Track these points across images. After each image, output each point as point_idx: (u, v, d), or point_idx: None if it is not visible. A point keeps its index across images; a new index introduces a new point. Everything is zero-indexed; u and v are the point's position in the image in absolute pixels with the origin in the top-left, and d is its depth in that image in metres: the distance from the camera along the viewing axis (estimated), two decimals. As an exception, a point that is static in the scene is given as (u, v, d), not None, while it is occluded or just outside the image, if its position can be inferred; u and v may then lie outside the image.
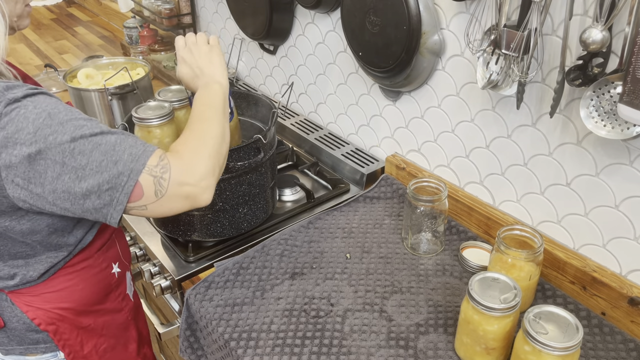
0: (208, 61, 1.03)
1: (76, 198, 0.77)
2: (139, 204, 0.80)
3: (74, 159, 0.75)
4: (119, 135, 0.79)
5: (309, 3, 1.46)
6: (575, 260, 1.08)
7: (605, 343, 0.99)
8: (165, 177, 0.79)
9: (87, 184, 0.76)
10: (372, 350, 0.99)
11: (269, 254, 1.22)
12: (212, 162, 0.85)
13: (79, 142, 0.76)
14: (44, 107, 0.76)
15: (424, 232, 1.22)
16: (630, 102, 0.84)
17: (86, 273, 0.98)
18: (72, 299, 0.97)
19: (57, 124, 0.75)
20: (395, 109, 1.42)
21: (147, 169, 0.78)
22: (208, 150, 0.86)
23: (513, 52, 0.98)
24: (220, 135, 0.90)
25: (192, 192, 0.82)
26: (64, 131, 0.75)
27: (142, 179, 0.78)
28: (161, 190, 0.79)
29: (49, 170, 0.75)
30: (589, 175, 1.04)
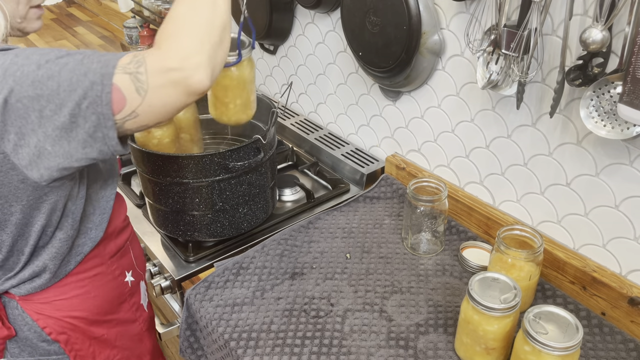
0: None
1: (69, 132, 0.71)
2: (126, 112, 0.70)
3: (46, 86, 0.69)
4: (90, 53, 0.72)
5: (309, 3, 1.46)
6: (575, 260, 1.08)
7: (605, 343, 0.99)
8: (141, 70, 0.69)
9: (68, 108, 0.69)
10: (372, 350, 0.99)
11: (269, 254, 1.22)
12: (198, 36, 0.71)
13: (45, 67, 0.69)
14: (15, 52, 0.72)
15: (424, 232, 1.22)
16: (630, 102, 0.84)
17: (99, 280, 0.95)
18: (84, 307, 0.94)
19: (23, 58, 0.71)
20: (395, 109, 1.42)
21: (120, 69, 0.69)
22: (191, 25, 0.72)
23: (513, 52, 0.98)
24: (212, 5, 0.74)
25: (179, 77, 0.69)
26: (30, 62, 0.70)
27: (117, 80, 0.69)
28: (142, 85, 0.69)
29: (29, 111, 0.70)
30: (589, 175, 1.04)
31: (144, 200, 1.36)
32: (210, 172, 1.15)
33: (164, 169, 1.15)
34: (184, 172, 1.15)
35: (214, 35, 0.73)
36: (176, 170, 1.15)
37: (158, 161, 1.15)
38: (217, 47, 0.73)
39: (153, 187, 1.20)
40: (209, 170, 1.15)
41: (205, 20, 0.73)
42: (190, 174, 1.15)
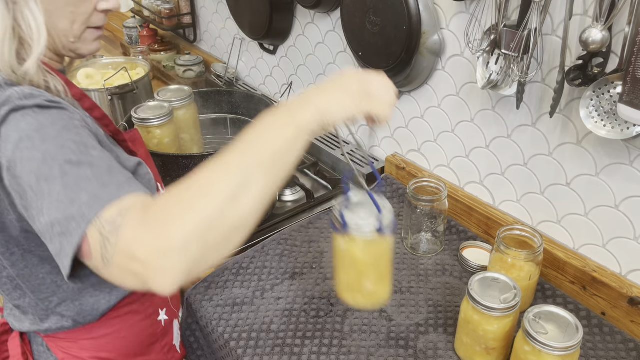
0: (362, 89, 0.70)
1: (43, 235, 0.63)
2: (90, 264, 0.60)
3: (39, 185, 0.61)
4: (100, 171, 0.62)
5: (309, 3, 1.46)
6: (575, 260, 1.08)
7: (605, 343, 0.99)
8: (111, 240, 0.56)
9: (43, 220, 0.61)
10: (372, 350, 0.99)
11: (268, 254, 1.22)
12: (191, 235, 0.55)
13: (48, 164, 0.61)
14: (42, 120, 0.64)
15: (424, 232, 1.22)
16: (630, 102, 0.84)
17: (130, 319, 0.88)
18: (112, 348, 0.87)
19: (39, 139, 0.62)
20: (395, 109, 1.42)
21: (97, 222, 0.58)
22: (195, 214, 0.56)
23: (513, 52, 0.98)
24: (231, 198, 0.57)
25: (139, 271, 0.55)
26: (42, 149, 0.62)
27: (90, 232, 0.58)
28: (106, 255, 0.57)
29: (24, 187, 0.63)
30: (589, 175, 1.03)
31: (144, 200, 1.36)
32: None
33: (164, 169, 1.15)
34: (184, 172, 1.15)
35: (215, 234, 0.56)
36: (176, 170, 1.15)
37: (158, 161, 1.15)
38: (211, 250, 0.57)
39: (153, 187, 1.20)
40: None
41: (214, 211, 0.56)
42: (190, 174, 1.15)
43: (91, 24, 0.78)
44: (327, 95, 0.68)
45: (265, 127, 0.63)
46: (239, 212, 0.58)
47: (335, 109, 0.67)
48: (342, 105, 0.68)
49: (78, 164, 0.61)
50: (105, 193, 0.60)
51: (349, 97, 0.69)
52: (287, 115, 0.65)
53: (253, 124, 0.64)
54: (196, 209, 0.56)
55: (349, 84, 0.70)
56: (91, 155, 0.64)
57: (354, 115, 0.69)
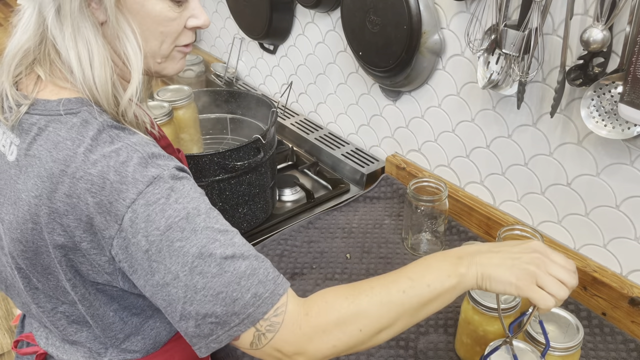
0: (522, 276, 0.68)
1: (173, 313, 0.65)
2: (229, 343, 0.69)
3: (191, 277, 0.63)
4: (251, 262, 0.65)
5: (309, 2, 1.46)
6: (575, 261, 1.08)
7: (606, 343, 0.99)
8: (267, 336, 0.66)
9: (192, 309, 0.64)
10: (372, 350, 0.99)
11: (268, 254, 1.22)
12: (332, 352, 0.66)
13: (204, 260, 0.63)
14: (185, 203, 0.64)
15: (424, 232, 1.22)
16: (631, 102, 0.83)
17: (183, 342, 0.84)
18: None
19: (190, 230, 0.63)
20: (395, 109, 1.42)
21: (258, 322, 0.65)
22: (345, 340, 0.66)
23: (513, 51, 0.98)
24: (377, 332, 0.67)
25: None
26: (195, 242, 0.63)
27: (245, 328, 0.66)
28: (258, 345, 0.66)
29: (157, 274, 0.63)
30: (589, 175, 1.03)
31: (143, 200, 1.36)
32: (210, 172, 1.15)
33: (164, 168, 1.15)
34: (184, 172, 1.15)
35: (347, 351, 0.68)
36: (176, 170, 1.14)
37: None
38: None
39: (153, 187, 1.20)
40: (209, 170, 1.15)
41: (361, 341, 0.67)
42: (190, 173, 1.15)
43: (180, 42, 0.74)
44: (498, 259, 0.68)
45: (431, 270, 0.69)
46: (375, 342, 0.68)
47: (497, 279, 0.67)
48: (506, 278, 0.67)
49: (232, 258, 0.64)
50: (267, 292, 0.65)
51: (517, 272, 0.67)
52: (454, 265, 0.69)
53: (424, 260, 0.71)
54: (348, 335, 0.65)
55: (526, 259, 0.68)
56: (235, 242, 0.66)
57: (512, 293, 0.68)
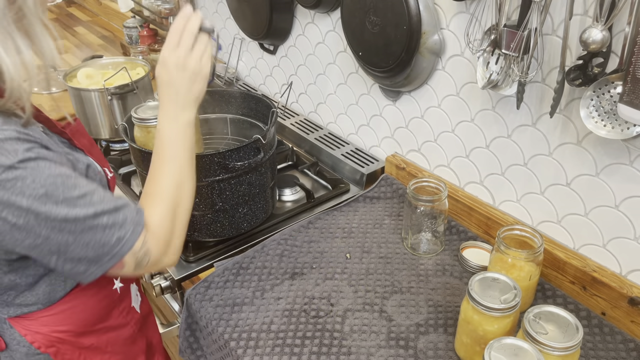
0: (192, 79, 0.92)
1: (49, 263, 0.78)
2: (115, 273, 0.83)
3: (62, 235, 0.75)
4: (111, 215, 0.79)
5: (309, 3, 1.46)
6: (575, 260, 1.08)
7: (605, 343, 0.99)
8: (145, 259, 0.84)
9: (69, 255, 0.77)
10: (372, 350, 0.99)
11: (268, 254, 1.22)
12: (183, 236, 0.91)
13: (71, 223, 0.75)
14: (42, 182, 0.72)
15: (424, 232, 1.22)
16: (631, 102, 0.84)
17: (85, 294, 0.94)
18: (70, 322, 0.93)
19: (52, 202, 0.73)
20: (395, 109, 1.42)
21: (132, 252, 0.81)
22: (181, 224, 0.91)
23: (513, 52, 0.98)
24: (192, 196, 0.94)
25: (165, 264, 0.89)
26: (58, 211, 0.73)
27: (126, 258, 0.81)
28: (140, 266, 0.84)
29: (29, 239, 0.74)
30: (589, 175, 1.03)
31: (144, 200, 1.36)
32: (210, 172, 1.15)
33: (164, 169, 1.15)
34: (184, 172, 1.15)
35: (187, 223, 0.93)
36: (176, 170, 1.14)
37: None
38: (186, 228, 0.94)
39: (153, 187, 1.20)
40: (209, 170, 1.15)
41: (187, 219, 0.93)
42: (190, 174, 1.15)
43: None
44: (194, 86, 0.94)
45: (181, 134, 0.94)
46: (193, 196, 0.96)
47: None
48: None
49: (94, 217, 0.77)
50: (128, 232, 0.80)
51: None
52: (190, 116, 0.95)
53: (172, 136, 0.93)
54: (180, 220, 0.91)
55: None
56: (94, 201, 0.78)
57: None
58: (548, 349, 0.81)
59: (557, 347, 0.80)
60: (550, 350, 0.81)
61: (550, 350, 0.81)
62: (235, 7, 1.78)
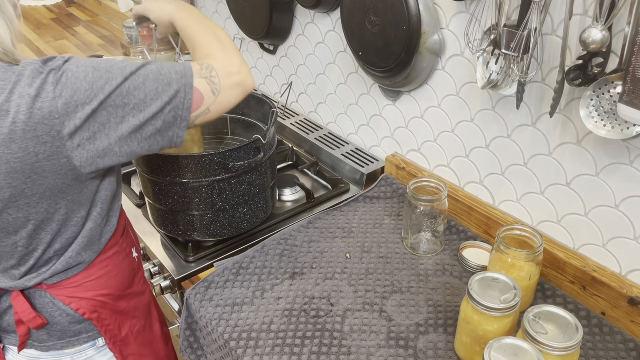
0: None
1: (142, 132, 0.82)
2: (202, 109, 0.86)
3: (133, 96, 0.80)
4: (155, 63, 0.84)
5: (309, 3, 1.46)
6: (575, 260, 1.08)
7: (605, 343, 0.99)
8: (214, 74, 0.87)
9: (150, 111, 0.81)
10: (372, 350, 0.99)
11: (268, 254, 1.22)
12: (238, 54, 0.94)
13: (130, 79, 0.80)
14: (85, 63, 0.79)
15: (424, 232, 1.22)
16: (630, 102, 0.84)
17: (117, 259, 1.00)
18: (110, 285, 0.99)
19: (105, 72, 0.79)
20: (395, 109, 1.42)
21: (196, 74, 0.85)
22: (229, 44, 0.95)
23: (513, 52, 0.98)
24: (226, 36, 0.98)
25: (240, 79, 0.91)
26: (115, 75, 0.79)
27: (197, 84, 0.85)
28: (216, 87, 0.87)
29: (112, 117, 0.79)
30: (589, 175, 1.03)
31: (144, 200, 1.36)
32: (210, 172, 1.15)
33: (164, 168, 1.15)
34: (184, 172, 1.15)
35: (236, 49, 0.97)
36: (176, 170, 1.15)
37: (158, 161, 1.15)
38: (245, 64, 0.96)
39: (153, 187, 1.20)
40: (209, 170, 1.15)
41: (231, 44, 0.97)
42: (190, 174, 1.15)
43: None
44: None
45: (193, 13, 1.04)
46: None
47: None
48: None
49: (144, 66, 0.82)
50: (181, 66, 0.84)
51: None
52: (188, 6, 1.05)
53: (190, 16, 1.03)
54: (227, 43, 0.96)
55: None
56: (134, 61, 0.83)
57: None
58: (548, 349, 0.81)
59: (557, 347, 0.80)
60: (550, 350, 0.81)
61: (550, 350, 0.81)
62: (235, 7, 1.78)
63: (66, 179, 0.82)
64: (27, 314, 0.93)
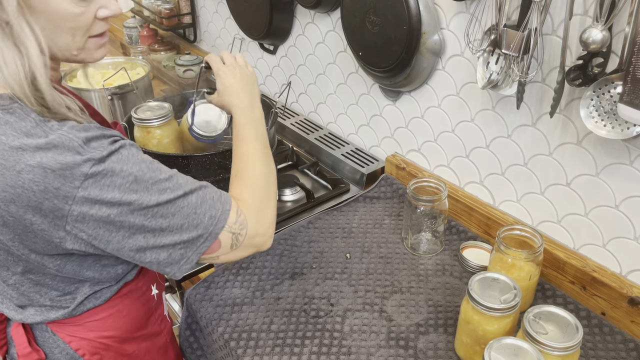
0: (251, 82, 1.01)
1: (142, 254, 0.76)
2: (212, 256, 0.82)
3: (155, 222, 0.74)
4: (199, 193, 0.79)
5: (309, 3, 1.46)
6: (575, 260, 1.08)
7: (605, 343, 0.99)
8: (242, 233, 0.83)
9: (162, 242, 0.76)
10: (372, 350, 0.99)
11: (268, 254, 1.22)
12: (274, 209, 0.90)
13: (163, 206, 0.74)
14: (130, 169, 0.72)
15: (424, 232, 1.22)
16: (630, 102, 0.84)
17: (129, 298, 0.93)
18: (116, 327, 0.92)
19: (143, 189, 0.73)
20: (395, 109, 1.42)
21: (227, 227, 0.80)
22: (271, 196, 0.90)
23: (513, 52, 0.98)
24: (274, 173, 0.93)
25: (261, 242, 0.87)
26: (150, 198, 0.73)
27: (222, 236, 0.80)
28: (237, 244, 0.83)
29: (122, 231, 0.73)
30: (589, 175, 1.03)
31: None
32: (210, 172, 1.15)
33: (164, 169, 1.15)
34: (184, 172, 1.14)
35: (275, 207, 0.91)
36: (176, 170, 1.14)
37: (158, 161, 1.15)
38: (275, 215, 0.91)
39: (153, 187, 1.20)
40: (209, 170, 1.15)
41: (274, 196, 0.92)
42: (190, 174, 1.15)
43: (92, 32, 0.76)
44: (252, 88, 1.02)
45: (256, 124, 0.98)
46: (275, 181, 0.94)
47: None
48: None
49: (184, 196, 0.77)
50: (219, 211, 0.80)
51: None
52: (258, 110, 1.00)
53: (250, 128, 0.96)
54: (270, 194, 0.90)
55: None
56: (180, 183, 0.78)
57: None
58: (548, 349, 0.81)
59: (557, 347, 0.80)
60: (550, 350, 0.81)
61: (550, 350, 0.81)
62: (235, 7, 1.78)
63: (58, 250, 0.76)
64: (23, 347, 0.88)
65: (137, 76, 1.73)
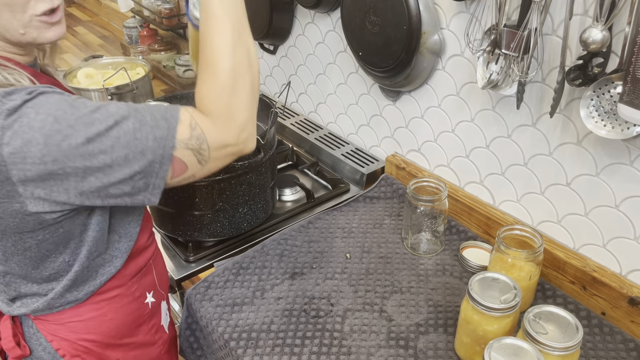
0: None
1: (106, 191, 0.72)
2: (185, 175, 0.76)
3: (97, 159, 0.69)
4: (136, 116, 0.71)
5: (309, 3, 1.46)
6: (575, 260, 1.08)
7: (605, 343, 0.99)
8: (204, 147, 0.74)
9: (117, 177, 0.71)
10: (372, 350, 0.99)
11: (268, 254, 1.22)
12: (249, 108, 0.77)
13: (96, 141, 0.68)
14: (47, 110, 0.67)
15: (424, 232, 1.22)
16: (631, 102, 0.84)
17: (117, 302, 0.90)
18: (99, 330, 0.89)
19: (66, 127, 0.67)
20: (395, 109, 1.42)
21: (181, 144, 0.73)
22: (242, 95, 0.76)
23: (513, 52, 0.98)
24: (250, 62, 0.77)
25: (235, 150, 0.78)
26: (76, 133, 0.67)
27: (179, 154, 0.73)
28: (203, 158, 0.75)
29: (71, 177, 0.69)
30: (589, 175, 1.03)
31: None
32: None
33: (164, 168, 1.15)
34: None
35: (256, 98, 0.79)
36: (176, 170, 1.14)
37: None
38: (256, 103, 0.80)
39: (153, 187, 1.20)
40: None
41: (251, 86, 0.77)
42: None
43: (36, 11, 0.73)
44: None
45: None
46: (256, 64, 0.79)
47: None
48: None
49: (117, 125, 0.69)
50: (164, 130, 0.72)
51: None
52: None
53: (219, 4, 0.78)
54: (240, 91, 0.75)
55: None
56: (111, 111, 0.71)
57: None
58: (548, 349, 0.81)
59: (557, 347, 0.80)
60: (550, 350, 0.81)
61: (550, 350, 0.81)
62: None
63: (26, 222, 0.73)
64: (7, 342, 0.87)
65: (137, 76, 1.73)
